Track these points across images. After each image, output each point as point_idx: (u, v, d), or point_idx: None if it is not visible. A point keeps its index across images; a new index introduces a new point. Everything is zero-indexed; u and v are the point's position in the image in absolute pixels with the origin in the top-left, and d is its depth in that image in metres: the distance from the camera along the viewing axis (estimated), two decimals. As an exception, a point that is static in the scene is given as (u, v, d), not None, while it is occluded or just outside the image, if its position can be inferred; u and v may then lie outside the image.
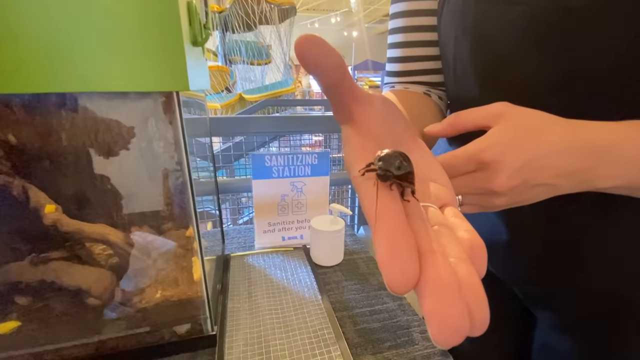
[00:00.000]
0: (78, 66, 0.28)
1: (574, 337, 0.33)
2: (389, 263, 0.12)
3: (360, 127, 0.19)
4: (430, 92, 0.38)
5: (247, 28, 2.96)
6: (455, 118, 0.25)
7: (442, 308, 0.11)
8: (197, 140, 0.75)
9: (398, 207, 0.14)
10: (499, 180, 0.22)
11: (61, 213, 0.43)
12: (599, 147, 0.22)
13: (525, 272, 0.34)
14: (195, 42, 0.38)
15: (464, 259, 0.13)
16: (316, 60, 0.16)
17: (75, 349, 0.39)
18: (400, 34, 0.37)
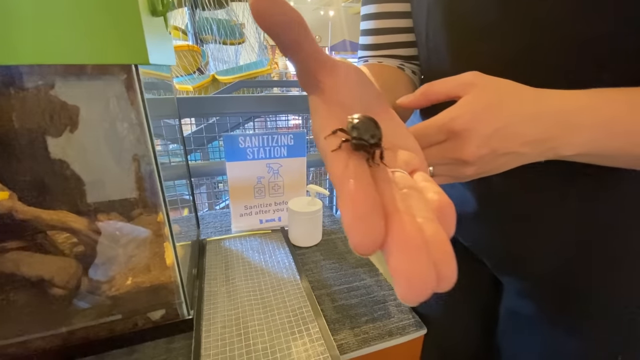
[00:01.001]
0: (18, 36, 0.25)
1: (537, 302, 0.35)
2: (353, 225, 0.11)
3: (327, 96, 0.18)
4: (404, 65, 0.37)
5: (217, 5, 2.81)
6: (427, 87, 0.25)
7: (408, 265, 0.11)
8: (166, 122, 0.72)
9: (363, 171, 0.14)
10: (469, 149, 0.22)
11: (16, 200, 0.40)
12: (564, 114, 0.22)
13: (491, 241, 0.35)
14: (155, 11, 0.35)
15: (432, 219, 0.13)
16: (272, 16, 0.15)
17: (42, 341, 0.38)
18: (373, 4, 0.36)
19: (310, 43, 0.17)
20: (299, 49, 0.17)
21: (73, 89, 0.41)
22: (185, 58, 2.46)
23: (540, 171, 0.27)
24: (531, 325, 0.36)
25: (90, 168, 0.46)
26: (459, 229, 0.39)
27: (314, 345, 0.40)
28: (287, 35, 0.16)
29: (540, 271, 0.34)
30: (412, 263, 0.11)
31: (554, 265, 0.33)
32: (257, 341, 0.40)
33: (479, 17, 0.28)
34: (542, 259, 0.33)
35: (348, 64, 0.19)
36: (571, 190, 0.29)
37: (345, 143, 0.15)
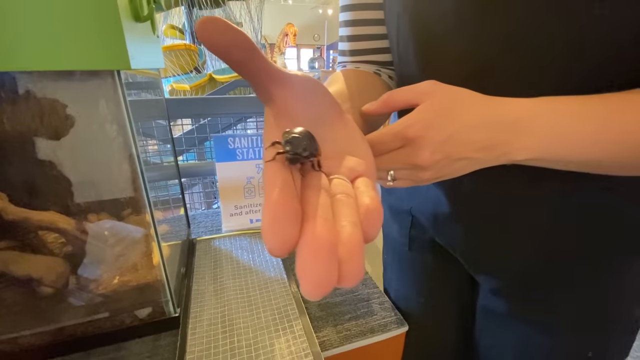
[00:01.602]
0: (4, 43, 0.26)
1: (509, 300, 0.36)
2: (267, 230, 0.13)
3: (277, 107, 0.19)
4: (380, 71, 0.38)
5: (214, 4, 2.81)
6: (388, 96, 0.26)
7: (309, 265, 0.12)
8: (158, 122, 0.72)
9: (287, 182, 0.14)
10: (423, 155, 0.23)
11: (6, 201, 0.41)
12: (511, 121, 0.23)
13: (465, 241, 0.37)
14: (138, 17, 0.36)
15: (354, 223, 0.14)
16: (217, 39, 0.16)
17: (32, 337, 0.39)
18: (350, 12, 0.37)
19: (258, 59, 0.18)
20: (246, 67, 0.18)
21: (62, 91, 0.42)
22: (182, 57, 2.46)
23: (508, 172, 0.28)
24: (505, 322, 0.37)
25: (80, 169, 0.47)
26: (435, 229, 0.40)
27: (297, 342, 0.41)
28: (234, 55, 0.17)
29: (511, 270, 0.35)
30: (312, 263, 0.12)
31: (524, 264, 0.34)
32: (242, 338, 0.41)
33: (442, 24, 0.28)
34: (513, 258, 0.34)
35: (301, 76, 0.20)
36: (538, 191, 0.30)
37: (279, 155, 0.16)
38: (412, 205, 0.44)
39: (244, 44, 0.17)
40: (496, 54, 0.27)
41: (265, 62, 0.18)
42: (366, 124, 0.29)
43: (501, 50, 0.27)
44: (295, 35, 5.96)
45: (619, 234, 0.30)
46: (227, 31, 0.16)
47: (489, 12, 0.26)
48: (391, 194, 0.48)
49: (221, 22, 0.16)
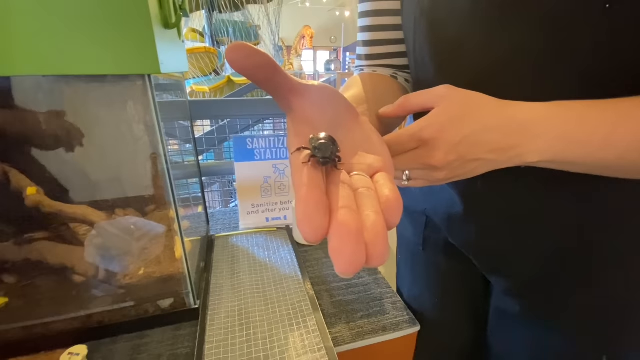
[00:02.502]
0: (45, 49, 0.29)
1: (523, 301, 0.36)
2: (302, 222, 0.15)
3: (297, 116, 0.21)
4: (397, 74, 0.39)
5: (234, 7, 2.86)
6: (404, 100, 0.27)
7: (339, 248, 0.14)
8: (180, 123, 0.75)
9: (315, 180, 0.16)
10: (438, 156, 0.24)
11: (43, 195, 0.44)
12: (523, 124, 0.24)
13: (478, 242, 0.37)
14: (167, 24, 0.38)
15: (376, 211, 0.16)
16: (245, 62, 0.18)
17: (63, 323, 0.42)
18: (368, 18, 0.39)
19: (280, 75, 0.20)
20: (270, 83, 0.20)
21: (95, 92, 0.45)
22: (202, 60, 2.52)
23: (523, 173, 0.28)
24: (518, 323, 0.37)
25: (110, 167, 0.50)
26: (449, 230, 0.41)
27: (310, 337, 0.42)
28: (259, 75, 0.19)
29: (525, 271, 0.35)
30: (342, 245, 0.14)
31: (538, 265, 0.34)
32: (257, 331, 0.43)
33: (457, 29, 0.29)
34: (527, 259, 0.34)
35: (317, 86, 0.22)
36: (554, 192, 0.31)
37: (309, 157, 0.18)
38: (426, 206, 0.45)
39: (268, 64, 0.19)
40: (509, 58, 0.28)
41: (285, 76, 0.20)
42: (382, 126, 0.30)
43: (513, 54, 0.27)
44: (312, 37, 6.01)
45: (637, 235, 0.30)
46: (253, 55, 0.18)
47: (501, 18, 0.27)
48: (406, 194, 0.49)
49: (248, 48, 0.18)
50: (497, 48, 0.28)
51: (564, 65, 0.26)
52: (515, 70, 0.28)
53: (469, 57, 0.29)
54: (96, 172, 0.50)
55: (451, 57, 0.31)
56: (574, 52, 0.25)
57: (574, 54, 0.25)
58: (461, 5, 0.28)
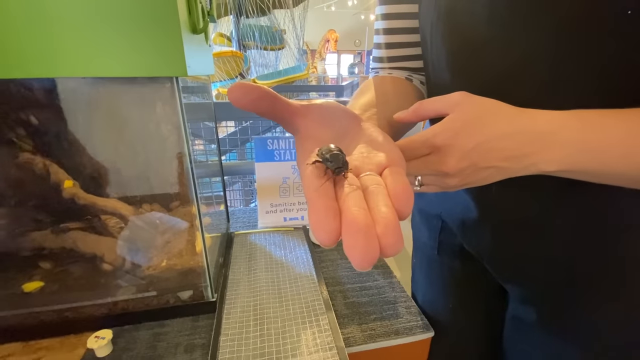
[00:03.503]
0: (84, 53, 0.31)
1: (539, 309, 0.35)
2: (315, 228, 0.16)
3: (303, 135, 0.23)
4: (412, 77, 0.40)
5: (260, 12, 2.93)
6: (418, 106, 0.28)
7: (351, 245, 0.15)
8: (205, 124, 0.79)
9: (324, 188, 0.17)
10: (449, 163, 0.24)
11: (78, 188, 0.47)
12: (541, 132, 0.24)
13: (493, 248, 0.36)
14: (195, 30, 0.40)
15: (386, 204, 0.16)
16: (246, 98, 0.20)
17: (91, 308, 0.44)
18: (385, 21, 0.39)
19: (280, 103, 0.21)
20: (273, 111, 0.22)
21: (127, 94, 0.48)
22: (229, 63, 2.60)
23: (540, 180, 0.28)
24: (534, 332, 0.36)
25: (139, 164, 0.53)
26: (463, 234, 0.40)
27: (322, 336, 0.43)
28: (262, 107, 0.21)
29: (541, 279, 0.34)
30: (352, 241, 0.15)
31: (555, 274, 0.33)
32: (271, 327, 0.44)
33: (474, 33, 0.29)
34: (543, 267, 0.33)
35: (318, 104, 0.23)
36: (571, 200, 0.30)
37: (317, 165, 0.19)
38: (442, 210, 0.44)
39: (266, 95, 0.20)
40: (526, 62, 0.27)
41: (285, 103, 0.22)
42: (392, 129, 0.30)
43: (530, 58, 0.27)
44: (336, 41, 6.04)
45: None
46: (252, 91, 0.20)
47: (519, 21, 0.26)
48: (422, 198, 0.49)
49: (245, 86, 0.20)
50: (514, 52, 0.27)
51: (582, 70, 0.25)
52: (532, 74, 0.27)
53: (485, 60, 0.29)
54: (127, 169, 0.53)
55: (467, 61, 0.31)
56: (592, 57, 0.25)
57: (592, 59, 0.25)
58: (479, 9, 0.28)
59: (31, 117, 0.48)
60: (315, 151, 0.20)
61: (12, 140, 0.47)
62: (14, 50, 0.30)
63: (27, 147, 0.47)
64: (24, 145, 0.47)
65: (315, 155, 0.20)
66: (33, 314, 0.42)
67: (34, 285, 0.44)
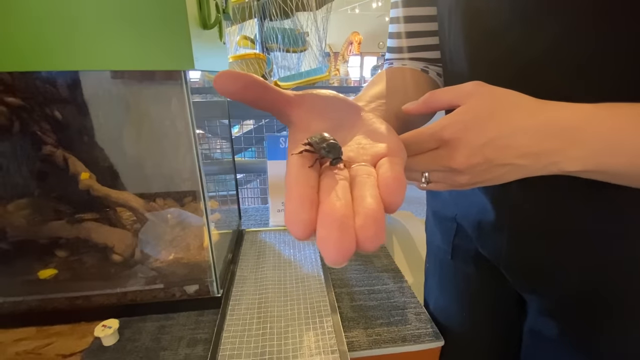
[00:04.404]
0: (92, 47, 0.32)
1: (559, 323, 0.32)
2: (287, 217, 0.14)
3: (296, 126, 0.21)
4: (428, 68, 0.38)
5: (284, 15, 2.97)
6: (429, 96, 0.26)
7: (323, 235, 0.13)
8: (221, 122, 0.80)
9: (303, 177, 0.16)
10: (458, 158, 0.23)
11: (94, 180, 0.49)
12: (564, 127, 0.21)
13: (510, 253, 0.34)
14: (206, 25, 0.41)
15: (371, 195, 0.15)
16: (232, 87, 0.19)
17: (102, 297, 0.45)
18: (400, 9, 0.37)
19: (270, 92, 0.20)
20: (263, 101, 0.20)
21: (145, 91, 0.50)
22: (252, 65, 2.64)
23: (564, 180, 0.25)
24: (554, 346, 0.33)
25: (153, 159, 0.54)
26: (479, 238, 0.38)
27: (325, 338, 0.41)
28: (249, 95, 0.20)
29: (562, 288, 0.31)
30: (324, 233, 0.13)
31: (577, 284, 0.30)
32: (274, 326, 0.43)
33: (494, 20, 0.27)
34: (563, 277, 0.31)
35: (312, 94, 0.22)
36: (597, 204, 0.27)
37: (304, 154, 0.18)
38: (457, 212, 0.42)
39: (254, 83, 0.19)
40: (551, 52, 0.25)
41: (277, 92, 0.20)
42: (400, 122, 0.28)
43: (556, 48, 0.25)
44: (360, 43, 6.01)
45: None
46: (239, 78, 0.19)
47: (541, 9, 0.24)
48: (436, 199, 0.47)
49: (231, 73, 0.19)
50: (538, 41, 0.25)
51: (612, 61, 0.23)
52: (557, 66, 0.25)
53: (507, 50, 0.27)
54: (141, 164, 0.54)
55: (487, 51, 0.29)
56: (623, 48, 0.22)
57: (623, 49, 0.22)
58: None
59: (55, 112, 0.50)
60: (304, 140, 0.19)
61: (36, 133, 0.49)
62: (35, 45, 0.31)
63: (49, 140, 0.49)
64: (47, 139, 0.49)
65: (304, 144, 0.18)
66: (47, 300, 0.44)
67: (48, 272, 0.45)
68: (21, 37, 0.31)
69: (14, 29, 0.31)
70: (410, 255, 0.77)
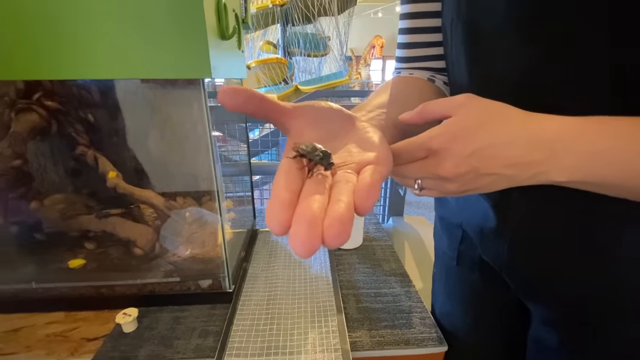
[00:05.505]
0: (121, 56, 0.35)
1: (562, 332, 0.32)
2: (267, 216, 0.16)
3: (293, 135, 0.23)
4: (435, 77, 0.38)
5: (306, 20, 3.02)
6: (423, 107, 0.27)
7: (293, 231, 0.15)
8: (239, 126, 0.83)
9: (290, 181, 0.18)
10: (446, 167, 0.23)
11: (120, 179, 0.53)
12: (551, 139, 0.22)
13: (511, 260, 0.34)
14: (224, 36, 0.43)
15: (345, 199, 0.17)
16: (233, 101, 0.21)
17: (124, 287, 0.49)
18: (408, 20, 0.38)
19: (267, 103, 0.22)
20: (262, 112, 0.22)
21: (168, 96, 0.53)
22: (274, 70, 2.70)
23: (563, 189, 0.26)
24: (558, 355, 0.33)
25: (175, 160, 0.57)
26: (481, 244, 0.38)
27: (329, 337, 0.43)
28: (249, 107, 0.22)
29: (564, 297, 0.31)
30: (294, 230, 0.15)
31: (578, 295, 0.30)
32: (281, 322, 0.45)
33: (492, 32, 0.28)
34: (564, 286, 0.30)
35: (308, 105, 0.24)
36: (597, 213, 0.27)
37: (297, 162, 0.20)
38: (462, 219, 0.42)
39: (253, 98, 0.21)
40: (542, 66, 0.25)
41: (274, 104, 0.23)
42: (398, 131, 0.29)
43: (552, 59, 0.25)
44: (382, 47, 5.99)
45: None
46: (239, 94, 0.21)
47: (535, 23, 0.25)
48: (443, 206, 0.47)
49: (234, 89, 0.21)
50: (533, 56, 0.26)
51: (607, 76, 0.23)
52: (554, 78, 0.25)
53: (502, 64, 0.28)
54: (163, 164, 0.58)
55: (482, 62, 0.29)
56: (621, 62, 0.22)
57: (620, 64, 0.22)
58: (497, 8, 0.27)
59: (88, 115, 0.54)
60: (294, 146, 0.21)
61: (71, 134, 0.53)
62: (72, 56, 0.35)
63: (82, 141, 0.54)
64: (80, 140, 0.54)
65: (294, 150, 0.20)
66: (75, 288, 0.48)
67: (77, 262, 0.49)
68: (60, 49, 0.35)
69: (56, 43, 0.34)
70: (422, 260, 0.77)
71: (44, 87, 0.49)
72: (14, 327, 0.45)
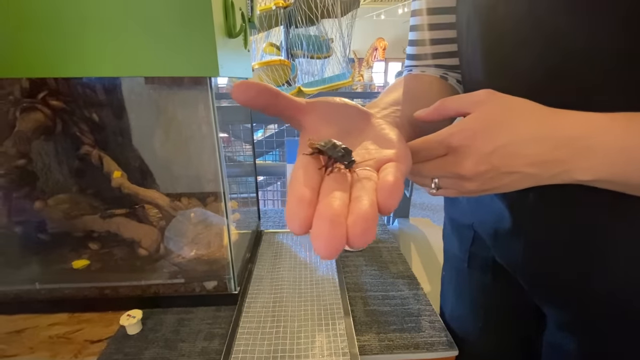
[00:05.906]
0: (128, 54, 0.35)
1: (580, 338, 0.31)
2: (287, 214, 0.16)
3: (307, 131, 0.23)
4: (448, 75, 0.38)
5: (309, 22, 3.02)
6: (440, 104, 0.26)
7: (315, 231, 0.14)
8: (244, 126, 0.82)
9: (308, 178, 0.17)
10: (466, 165, 0.23)
11: (125, 179, 0.52)
12: (574, 137, 0.21)
13: (526, 261, 0.33)
14: (231, 34, 0.43)
15: (368, 197, 0.16)
16: (246, 95, 0.20)
17: (128, 289, 0.48)
18: (419, 17, 0.38)
19: (281, 99, 0.21)
20: (275, 107, 0.22)
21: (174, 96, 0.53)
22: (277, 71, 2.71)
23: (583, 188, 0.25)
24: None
25: (180, 161, 0.57)
26: (495, 245, 0.37)
27: (337, 340, 0.42)
28: (261, 102, 0.21)
29: (582, 302, 0.30)
30: (317, 229, 0.14)
31: (596, 300, 0.29)
32: (287, 325, 0.44)
33: (515, 29, 0.27)
34: (582, 291, 0.29)
35: (323, 101, 0.23)
36: (617, 213, 0.26)
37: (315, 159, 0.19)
38: (474, 220, 0.41)
39: (266, 92, 0.21)
40: (572, 63, 0.24)
41: (288, 99, 0.22)
42: (413, 128, 0.29)
43: (578, 59, 0.24)
44: (384, 49, 6.00)
45: None
46: (252, 88, 0.20)
47: (560, 23, 0.24)
48: (454, 206, 0.46)
49: (247, 83, 0.20)
50: (556, 57, 0.25)
51: (631, 78, 0.22)
52: (579, 78, 0.24)
53: (523, 59, 0.27)
54: (168, 164, 0.57)
55: (504, 60, 0.28)
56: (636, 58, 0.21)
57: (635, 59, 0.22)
58: (517, 7, 0.26)
59: (93, 114, 0.54)
60: (310, 142, 0.20)
61: (75, 134, 0.53)
62: (77, 54, 0.35)
63: (87, 141, 0.53)
64: (85, 139, 0.53)
65: (310, 147, 0.20)
66: (79, 289, 0.47)
67: (81, 263, 0.49)
68: (67, 47, 0.34)
69: (62, 41, 0.34)
70: (429, 262, 0.76)
71: (49, 86, 0.49)
72: (17, 328, 0.44)
